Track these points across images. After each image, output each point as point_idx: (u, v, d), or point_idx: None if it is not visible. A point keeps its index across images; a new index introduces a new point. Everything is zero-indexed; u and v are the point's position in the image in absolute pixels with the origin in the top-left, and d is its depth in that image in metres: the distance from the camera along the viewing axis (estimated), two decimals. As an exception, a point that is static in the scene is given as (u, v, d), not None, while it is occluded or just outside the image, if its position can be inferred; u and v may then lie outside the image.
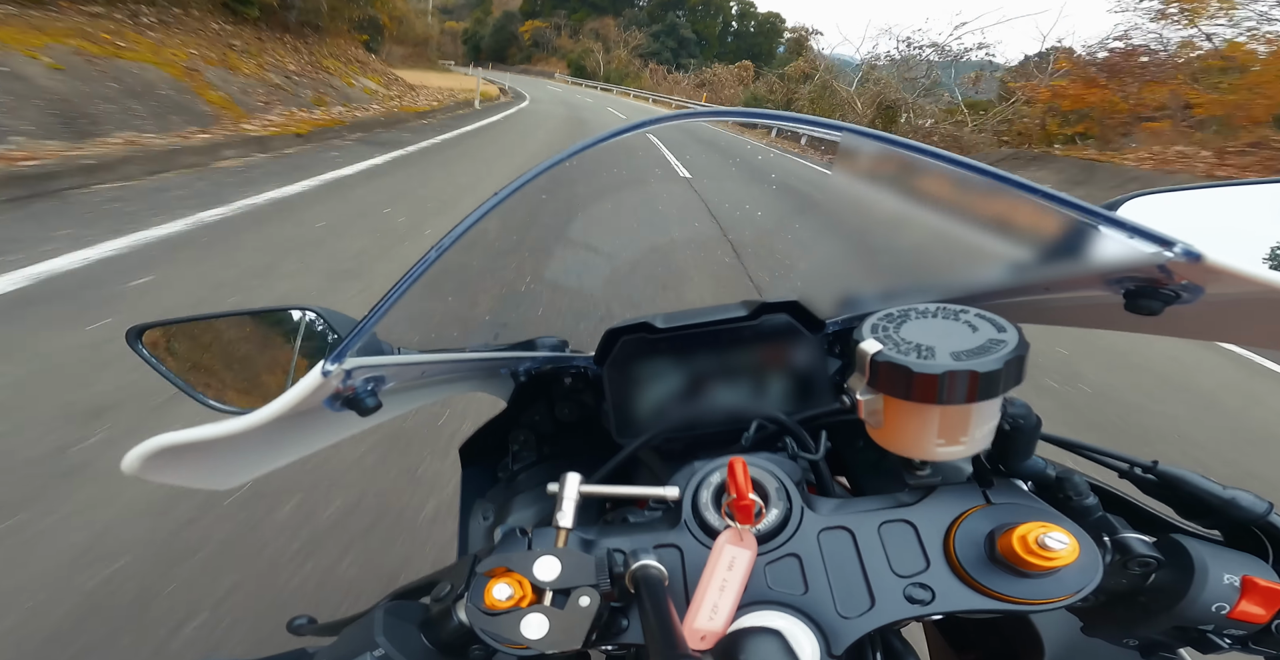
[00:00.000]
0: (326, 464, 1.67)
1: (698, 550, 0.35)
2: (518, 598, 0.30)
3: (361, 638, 0.32)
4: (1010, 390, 0.31)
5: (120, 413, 1.73)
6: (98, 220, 3.16)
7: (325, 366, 0.31)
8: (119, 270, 2.62)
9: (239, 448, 0.35)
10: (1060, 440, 0.44)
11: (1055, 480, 0.38)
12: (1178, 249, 0.29)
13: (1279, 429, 2.95)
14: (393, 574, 1.37)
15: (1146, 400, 2.97)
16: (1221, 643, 0.35)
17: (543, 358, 0.60)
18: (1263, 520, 0.37)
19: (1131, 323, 0.38)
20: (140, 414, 1.73)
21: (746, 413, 0.47)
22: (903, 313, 0.34)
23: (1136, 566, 0.35)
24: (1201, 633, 0.34)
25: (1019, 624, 0.50)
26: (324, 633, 0.41)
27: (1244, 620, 0.33)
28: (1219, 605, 0.33)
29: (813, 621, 0.32)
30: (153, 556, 1.32)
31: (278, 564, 1.35)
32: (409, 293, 0.34)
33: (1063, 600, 0.31)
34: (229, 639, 1.18)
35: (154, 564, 1.31)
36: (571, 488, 0.35)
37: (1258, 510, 0.37)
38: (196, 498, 1.48)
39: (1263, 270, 0.28)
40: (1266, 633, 0.33)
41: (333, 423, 0.39)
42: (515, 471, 0.61)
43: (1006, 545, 0.31)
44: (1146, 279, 0.33)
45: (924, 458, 0.34)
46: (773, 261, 3.91)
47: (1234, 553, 0.35)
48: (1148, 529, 0.38)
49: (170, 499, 1.47)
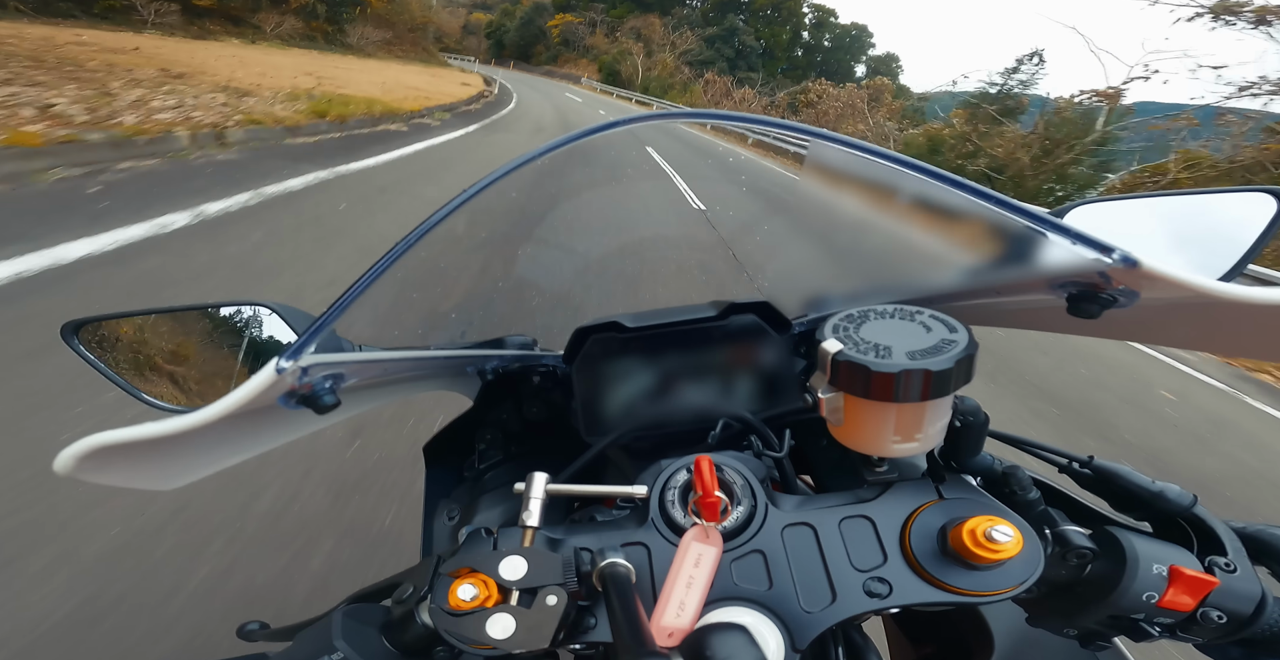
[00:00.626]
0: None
1: (665, 548, 0.35)
2: (483, 598, 0.30)
3: (318, 641, 0.32)
4: (960, 388, 0.32)
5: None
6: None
7: (280, 363, 0.30)
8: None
9: (184, 447, 0.33)
10: (1006, 437, 0.46)
11: (1001, 475, 0.40)
12: (1116, 255, 0.31)
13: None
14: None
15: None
16: (1151, 631, 0.36)
17: (511, 356, 0.59)
18: (1188, 512, 0.39)
19: (1073, 325, 0.40)
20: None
21: (714, 412, 0.48)
22: (862, 313, 0.35)
23: (1074, 558, 0.37)
24: (1134, 622, 0.36)
25: (969, 616, 0.51)
26: (278, 638, 0.39)
27: (1171, 609, 0.35)
28: (1149, 594, 0.35)
29: (777, 617, 0.33)
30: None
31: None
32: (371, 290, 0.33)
33: (1008, 591, 0.32)
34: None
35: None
36: (538, 487, 0.35)
37: (1184, 502, 0.39)
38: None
39: (1192, 276, 0.30)
40: (1192, 620, 0.35)
41: (287, 421, 0.38)
42: (481, 471, 0.60)
43: (957, 539, 0.32)
44: (1087, 284, 0.35)
45: (882, 454, 0.35)
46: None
47: (1162, 544, 0.37)
48: (1084, 522, 0.40)
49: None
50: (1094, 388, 3.52)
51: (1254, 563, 0.37)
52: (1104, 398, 3.39)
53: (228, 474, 1.59)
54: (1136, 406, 3.37)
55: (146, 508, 1.41)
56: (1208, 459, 2.87)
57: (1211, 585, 0.34)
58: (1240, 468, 2.82)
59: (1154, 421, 3.19)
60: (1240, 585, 0.34)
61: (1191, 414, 3.44)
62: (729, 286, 3.70)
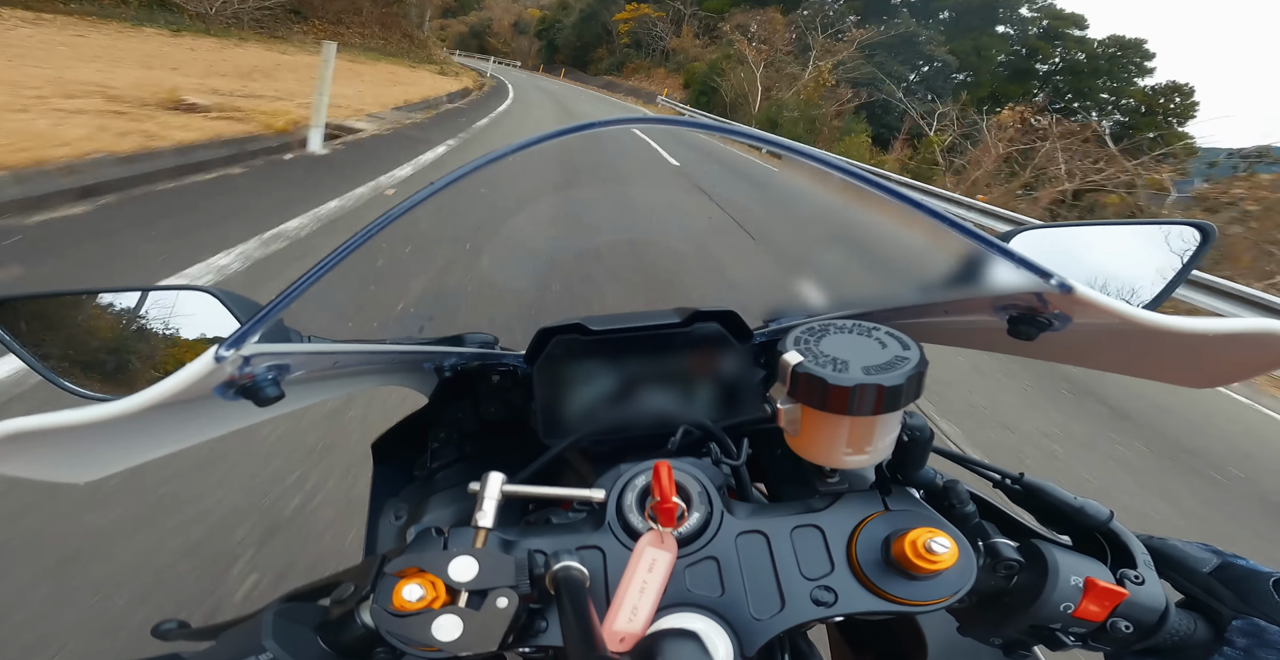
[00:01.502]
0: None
1: (620, 552, 0.35)
2: (430, 599, 0.29)
3: (245, 642, 0.30)
4: (909, 404, 0.33)
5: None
6: None
7: (220, 351, 0.29)
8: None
9: (107, 437, 0.31)
10: (947, 453, 0.48)
11: (942, 489, 0.42)
12: (1054, 281, 0.33)
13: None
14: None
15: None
16: (1066, 640, 0.38)
17: (470, 354, 0.58)
18: (1105, 526, 0.41)
19: (1012, 347, 0.42)
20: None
21: (675, 418, 0.48)
22: (823, 327, 0.36)
23: (1003, 569, 0.39)
24: (1051, 631, 0.38)
25: (906, 624, 0.53)
26: (199, 638, 0.37)
27: (1085, 618, 0.36)
28: (1066, 604, 0.36)
29: (728, 623, 0.33)
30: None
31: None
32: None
33: (944, 601, 0.34)
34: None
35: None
36: (494, 487, 0.34)
37: (1101, 517, 0.41)
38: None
39: (1120, 303, 0.33)
40: (1102, 630, 0.37)
41: (223, 412, 0.36)
42: (433, 469, 0.59)
43: (899, 549, 0.34)
44: (1027, 307, 0.37)
45: (834, 466, 0.36)
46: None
47: (1080, 556, 0.39)
48: (1013, 535, 0.42)
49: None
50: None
51: (1160, 576, 0.39)
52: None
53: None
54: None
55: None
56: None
57: (1121, 596, 0.36)
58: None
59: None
60: (1146, 596, 0.37)
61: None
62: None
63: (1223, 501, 2.62)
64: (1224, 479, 2.85)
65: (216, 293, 0.50)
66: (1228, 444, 3.33)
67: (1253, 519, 2.54)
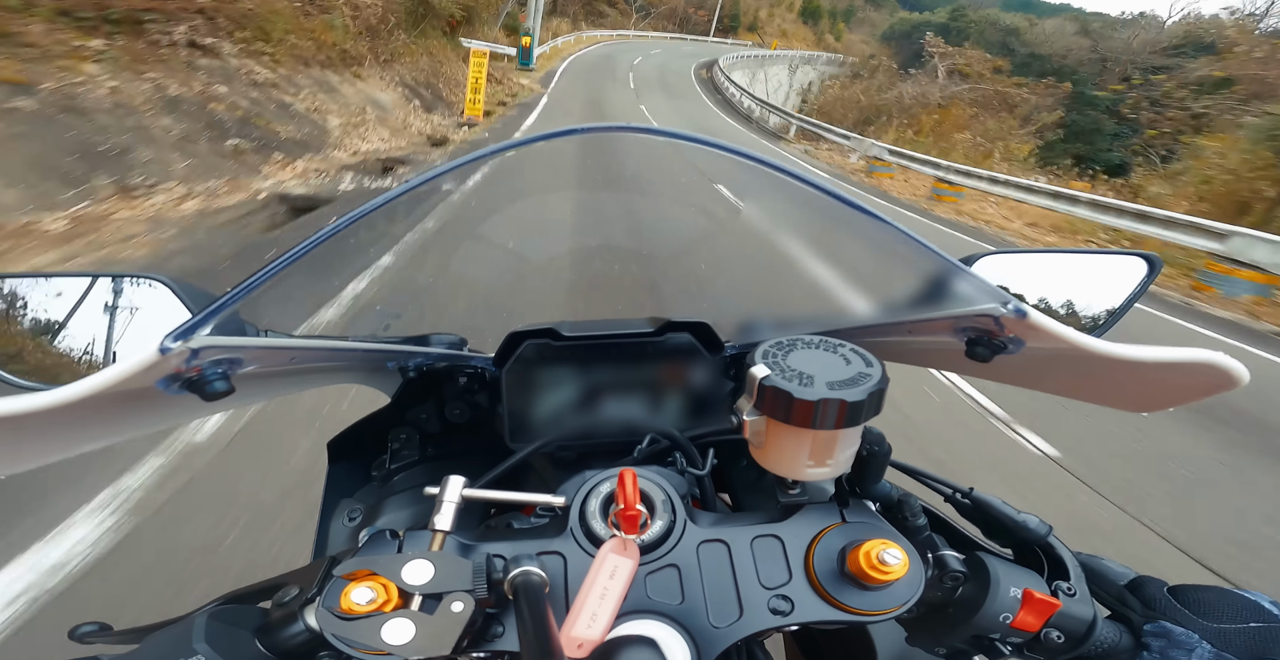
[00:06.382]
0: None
1: (582, 558, 0.35)
2: (381, 602, 0.28)
3: (173, 645, 0.29)
4: (870, 420, 0.34)
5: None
6: None
7: (165, 343, 0.27)
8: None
9: (38, 427, 0.30)
10: (903, 467, 0.49)
11: (897, 502, 0.43)
12: (1010, 306, 0.34)
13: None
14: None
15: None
16: (1004, 650, 0.40)
17: (437, 354, 0.57)
18: (1043, 541, 0.43)
19: (970, 367, 0.44)
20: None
21: (642, 427, 0.48)
22: (791, 342, 0.36)
23: (949, 580, 0.40)
24: (991, 641, 0.39)
25: (858, 634, 0.54)
26: (123, 640, 0.35)
27: (1021, 629, 0.38)
28: (1004, 615, 0.38)
29: (686, 631, 0.33)
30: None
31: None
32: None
33: (894, 610, 0.35)
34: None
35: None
36: (454, 490, 0.34)
37: (1040, 532, 0.43)
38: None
39: (1070, 330, 0.34)
40: (1037, 640, 0.38)
41: (166, 406, 0.35)
42: (392, 471, 0.57)
43: (854, 560, 0.34)
44: (983, 330, 0.39)
45: (795, 477, 0.36)
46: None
47: (1020, 569, 0.40)
48: (960, 547, 0.43)
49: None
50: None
51: (1090, 590, 0.41)
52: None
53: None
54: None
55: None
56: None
57: (1055, 607, 0.37)
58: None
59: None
60: (1077, 608, 0.38)
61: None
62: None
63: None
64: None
65: (169, 282, 0.48)
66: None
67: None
